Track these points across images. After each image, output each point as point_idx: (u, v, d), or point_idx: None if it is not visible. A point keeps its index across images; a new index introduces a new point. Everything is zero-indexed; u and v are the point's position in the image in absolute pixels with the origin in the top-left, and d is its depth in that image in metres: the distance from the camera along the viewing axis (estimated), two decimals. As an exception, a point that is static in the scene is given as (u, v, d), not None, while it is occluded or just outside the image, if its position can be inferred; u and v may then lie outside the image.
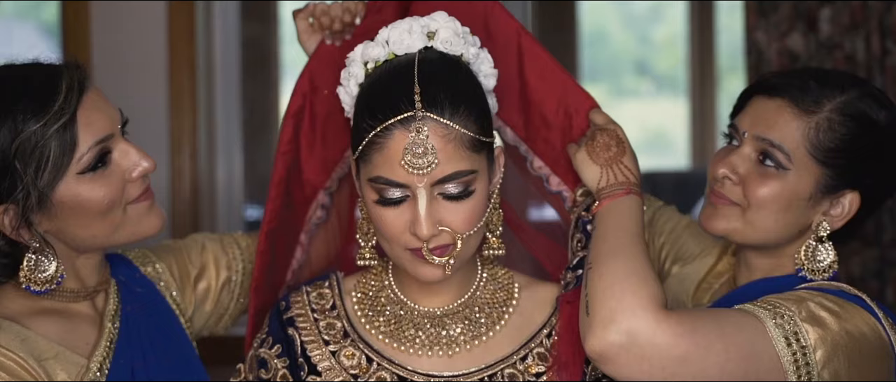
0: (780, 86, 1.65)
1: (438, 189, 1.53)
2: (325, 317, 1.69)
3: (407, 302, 1.68)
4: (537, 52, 1.77)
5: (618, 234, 1.57)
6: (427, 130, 1.50)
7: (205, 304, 1.87)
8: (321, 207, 1.86)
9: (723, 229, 1.69)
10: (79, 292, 1.67)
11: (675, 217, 1.99)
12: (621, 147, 1.67)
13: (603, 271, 1.51)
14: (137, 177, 1.63)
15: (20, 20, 5.99)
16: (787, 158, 1.61)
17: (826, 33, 3.27)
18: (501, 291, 1.69)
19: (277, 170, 1.82)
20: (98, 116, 1.58)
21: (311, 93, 1.82)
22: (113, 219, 1.61)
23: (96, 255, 1.69)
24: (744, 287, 1.72)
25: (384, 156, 1.52)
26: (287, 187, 1.83)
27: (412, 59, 1.56)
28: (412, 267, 1.59)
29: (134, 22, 3.49)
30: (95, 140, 1.57)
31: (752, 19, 3.33)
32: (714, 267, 1.88)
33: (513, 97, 1.77)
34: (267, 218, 1.82)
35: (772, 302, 1.52)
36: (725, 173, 1.67)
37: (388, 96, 1.53)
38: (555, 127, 1.76)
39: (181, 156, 3.54)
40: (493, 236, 1.67)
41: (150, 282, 1.79)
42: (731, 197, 1.67)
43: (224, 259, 1.89)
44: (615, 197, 1.63)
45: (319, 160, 1.84)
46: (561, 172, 1.77)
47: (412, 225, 1.53)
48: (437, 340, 1.64)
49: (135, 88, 3.49)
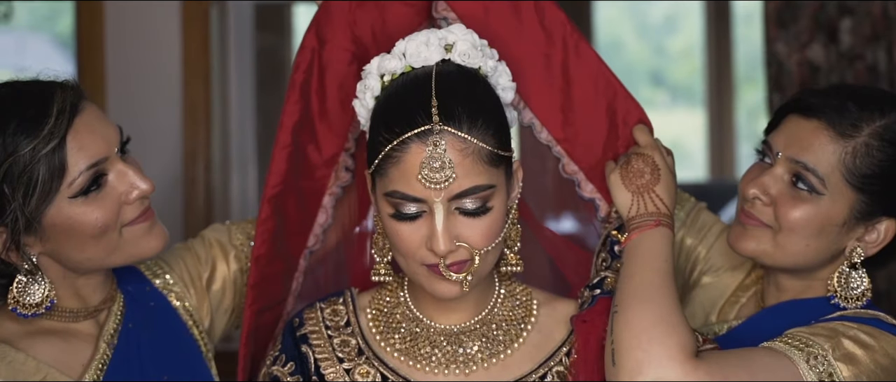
0: (816, 106, 1.60)
1: (456, 204, 1.51)
2: (339, 334, 1.67)
3: (423, 318, 1.66)
4: (587, 52, 1.73)
5: (645, 273, 1.53)
6: (444, 144, 1.48)
7: (223, 303, 1.83)
8: (346, 169, 1.80)
9: (752, 250, 1.65)
10: (79, 312, 1.65)
11: (709, 221, 1.91)
12: (655, 174, 1.63)
13: (629, 317, 1.47)
14: (135, 200, 1.60)
15: (35, 32, 6.01)
16: (821, 183, 1.57)
17: (847, 44, 3.24)
18: (520, 308, 1.66)
19: (282, 133, 1.76)
20: (91, 139, 1.55)
21: (320, 48, 1.76)
22: (108, 242, 1.59)
23: (98, 274, 1.67)
24: (772, 308, 1.69)
25: (400, 171, 1.50)
26: (296, 150, 1.77)
27: (429, 72, 1.54)
28: (429, 283, 1.56)
29: (148, 34, 3.52)
30: (88, 164, 1.55)
31: (772, 31, 3.31)
32: (743, 282, 1.83)
33: (555, 95, 1.73)
34: (271, 183, 1.76)
35: (803, 340, 1.48)
36: (756, 194, 1.63)
37: (405, 109, 1.51)
38: (599, 133, 1.73)
39: (195, 167, 3.56)
40: (511, 252, 1.64)
41: (162, 295, 1.77)
42: (762, 218, 1.63)
43: (232, 250, 1.84)
44: (644, 229, 1.59)
45: (336, 118, 1.78)
46: (597, 181, 1.73)
47: (429, 240, 1.51)
48: (453, 358, 1.62)
49: (149, 100, 3.53)
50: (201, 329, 1.80)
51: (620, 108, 1.72)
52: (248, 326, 1.78)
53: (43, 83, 1.59)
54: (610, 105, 1.72)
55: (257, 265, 1.77)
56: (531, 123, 1.75)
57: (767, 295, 1.72)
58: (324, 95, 1.77)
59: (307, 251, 1.82)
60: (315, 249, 1.82)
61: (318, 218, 1.81)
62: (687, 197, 1.93)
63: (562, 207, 1.83)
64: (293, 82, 1.77)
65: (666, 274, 1.53)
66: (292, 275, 1.83)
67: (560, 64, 1.73)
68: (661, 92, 8.09)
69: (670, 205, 1.63)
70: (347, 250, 1.84)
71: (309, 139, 1.78)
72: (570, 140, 1.74)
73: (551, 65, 1.73)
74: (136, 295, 1.74)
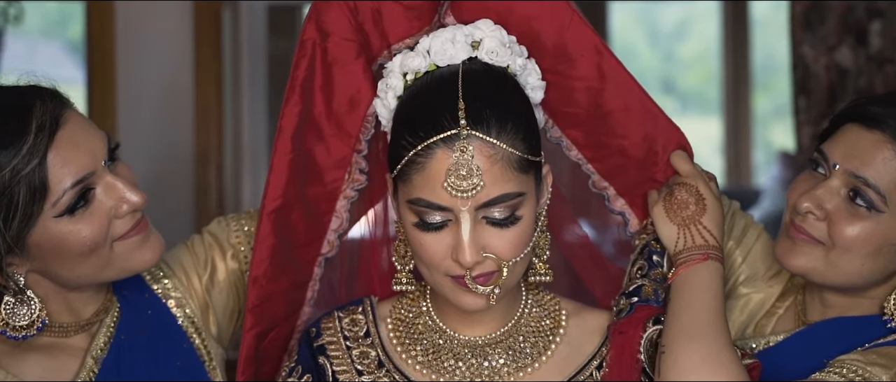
0: (879, 117, 1.52)
1: (483, 213, 1.45)
2: (358, 345, 1.61)
3: (446, 330, 1.60)
4: (622, 76, 1.63)
5: (693, 310, 1.47)
6: (472, 150, 1.42)
7: (227, 305, 1.75)
8: (360, 171, 1.69)
9: (802, 267, 1.57)
10: (69, 326, 1.59)
11: (746, 223, 1.80)
12: (701, 205, 1.57)
13: (678, 356, 1.43)
14: (125, 214, 1.53)
15: (46, 38, 6.04)
16: (882, 200, 1.50)
17: (876, 47, 3.18)
18: (548, 318, 1.61)
19: (282, 140, 1.64)
20: (75, 154, 1.48)
21: (322, 41, 1.64)
22: (99, 258, 1.52)
23: (91, 286, 1.60)
24: (817, 326, 1.61)
25: (425, 177, 1.44)
26: (298, 157, 1.65)
27: (455, 71, 1.48)
28: (454, 295, 1.51)
29: (160, 37, 3.51)
30: (73, 181, 1.47)
31: (798, 33, 3.25)
32: (782, 291, 1.75)
33: (588, 123, 1.65)
34: (270, 196, 1.65)
35: (859, 371, 1.41)
36: (809, 208, 1.55)
37: (430, 112, 1.45)
38: (634, 160, 1.65)
39: (207, 171, 3.54)
40: (540, 261, 1.58)
41: (161, 302, 1.69)
42: (814, 233, 1.55)
43: (230, 249, 1.75)
44: (692, 263, 1.53)
45: (345, 116, 1.65)
46: (627, 197, 1.67)
47: (454, 251, 1.45)
48: (478, 371, 1.56)
49: (161, 102, 3.51)
50: (204, 338, 1.72)
51: (660, 136, 1.64)
52: (245, 351, 1.69)
53: (21, 91, 1.51)
54: (648, 133, 1.64)
55: (256, 286, 1.68)
56: (559, 141, 1.67)
57: (810, 310, 1.65)
58: (331, 93, 1.65)
59: (322, 258, 1.73)
60: (331, 256, 1.73)
61: (331, 224, 1.71)
62: (728, 202, 1.83)
63: (576, 213, 1.75)
64: (293, 81, 1.65)
65: (715, 310, 1.48)
66: (303, 288, 1.73)
67: (592, 86, 1.64)
68: (672, 99, 8.08)
69: (718, 236, 1.56)
70: (363, 257, 1.76)
71: (315, 140, 1.66)
72: (602, 161, 1.66)
73: (585, 84, 1.64)
74: (133, 302, 1.66)
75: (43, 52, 5.70)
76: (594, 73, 1.62)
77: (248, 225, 1.77)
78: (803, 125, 3.24)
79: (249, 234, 1.75)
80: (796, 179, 1.61)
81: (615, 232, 1.76)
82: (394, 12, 1.62)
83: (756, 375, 1.50)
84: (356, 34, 1.63)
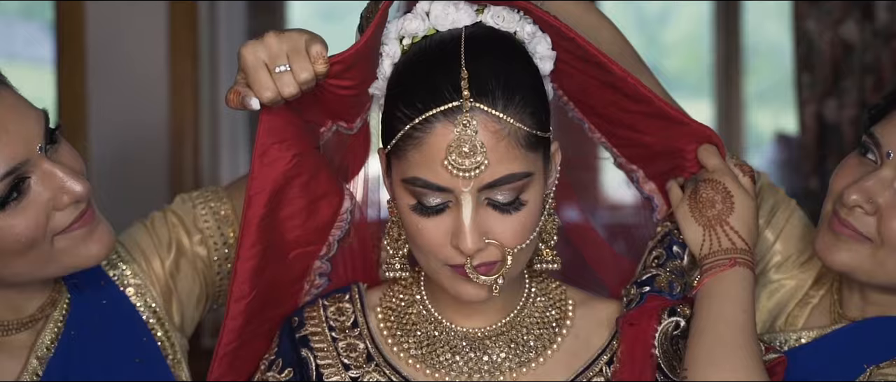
0: None
1: (486, 194, 1.35)
2: (344, 337, 1.52)
3: (442, 320, 1.51)
4: (636, 92, 1.49)
5: (719, 328, 1.38)
6: (476, 124, 1.31)
7: (193, 292, 1.63)
8: (320, 275, 1.59)
9: (845, 265, 1.46)
10: (10, 324, 1.48)
11: (777, 198, 1.68)
12: (728, 203, 1.46)
13: None
14: (66, 206, 1.40)
15: (24, 19, 6.09)
16: None
17: (883, 21, 3.15)
18: (553, 309, 1.52)
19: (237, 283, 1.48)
20: (3, 140, 1.34)
21: (300, 159, 1.48)
22: (38, 255, 1.40)
23: (33, 283, 1.49)
24: (856, 326, 1.50)
25: (423, 154, 1.33)
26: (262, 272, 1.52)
27: (458, 36, 1.37)
28: (452, 285, 1.41)
29: (133, 8, 3.41)
30: (3, 172, 1.33)
31: (802, 7, 3.23)
32: (816, 279, 1.63)
33: (607, 114, 1.55)
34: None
35: None
36: (858, 201, 1.42)
37: (429, 81, 1.34)
38: (660, 154, 1.55)
39: (183, 149, 3.47)
40: (547, 247, 1.49)
41: (118, 290, 1.57)
42: (861, 228, 1.43)
43: (197, 234, 1.62)
44: (718, 270, 1.43)
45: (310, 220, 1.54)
46: (661, 189, 1.57)
47: (454, 236, 1.36)
48: (477, 366, 1.48)
49: (134, 78, 3.43)
50: (167, 329, 1.60)
51: (683, 137, 1.53)
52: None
53: None
54: (669, 145, 1.54)
55: (219, 365, 1.53)
56: (582, 121, 1.57)
57: (849, 305, 1.53)
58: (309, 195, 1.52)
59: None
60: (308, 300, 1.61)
61: (303, 285, 1.59)
62: (775, 190, 1.71)
63: None
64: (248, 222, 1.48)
65: (743, 328, 1.38)
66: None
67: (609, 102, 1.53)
68: (659, 83, 8.17)
69: (748, 238, 1.46)
70: None
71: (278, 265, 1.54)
72: (627, 148, 1.57)
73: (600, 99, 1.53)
74: (85, 293, 1.55)
75: (21, 32, 5.71)
76: (609, 89, 1.51)
77: (218, 207, 1.65)
78: (806, 103, 3.21)
79: (218, 217, 1.64)
80: (842, 164, 1.49)
81: (605, 216, 1.69)
82: None
83: (780, 371, 1.42)
84: None
